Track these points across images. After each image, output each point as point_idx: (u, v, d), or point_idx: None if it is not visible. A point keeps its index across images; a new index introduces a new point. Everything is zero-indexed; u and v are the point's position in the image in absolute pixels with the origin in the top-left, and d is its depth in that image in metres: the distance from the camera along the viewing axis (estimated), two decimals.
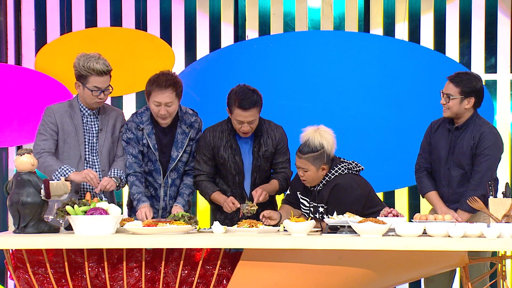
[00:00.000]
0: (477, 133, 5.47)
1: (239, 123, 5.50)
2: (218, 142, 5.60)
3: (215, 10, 7.31)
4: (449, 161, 5.55)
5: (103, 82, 5.42)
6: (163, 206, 5.69)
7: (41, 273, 4.76)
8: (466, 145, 5.49)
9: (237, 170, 5.62)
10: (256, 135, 5.61)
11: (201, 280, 4.80)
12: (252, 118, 5.48)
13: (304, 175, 5.30)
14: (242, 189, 5.66)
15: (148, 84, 5.53)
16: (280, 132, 5.68)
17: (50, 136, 5.44)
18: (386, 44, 6.84)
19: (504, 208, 4.90)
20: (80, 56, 5.44)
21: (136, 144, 5.60)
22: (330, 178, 5.30)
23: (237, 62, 6.84)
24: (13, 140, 6.79)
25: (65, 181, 4.82)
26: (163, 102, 5.48)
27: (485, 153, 5.44)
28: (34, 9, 7.30)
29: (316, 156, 5.26)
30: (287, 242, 4.55)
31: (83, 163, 5.46)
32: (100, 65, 5.40)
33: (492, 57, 7.22)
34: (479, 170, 5.43)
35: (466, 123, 5.53)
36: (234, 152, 5.59)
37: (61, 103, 5.57)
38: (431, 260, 4.68)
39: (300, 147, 5.32)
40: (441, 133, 5.63)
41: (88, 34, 7.01)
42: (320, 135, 5.30)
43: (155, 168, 5.65)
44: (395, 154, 6.63)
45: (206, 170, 5.64)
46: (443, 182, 5.57)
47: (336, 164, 5.33)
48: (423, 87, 6.67)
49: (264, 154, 5.61)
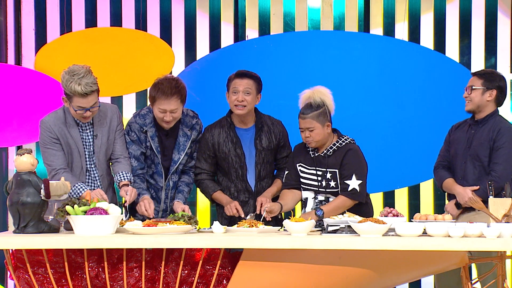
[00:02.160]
0: (496, 127, 5.53)
1: (234, 93, 5.57)
2: (218, 138, 5.62)
3: (215, 10, 7.31)
4: (466, 155, 5.58)
5: (87, 102, 5.20)
6: (163, 208, 5.69)
7: (41, 273, 4.76)
8: (484, 138, 5.53)
9: (239, 163, 5.63)
10: (256, 127, 5.64)
11: (201, 280, 4.80)
12: (248, 86, 5.57)
13: (310, 135, 5.35)
14: (246, 182, 5.66)
15: (153, 90, 5.48)
16: (281, 126, 5.75)
17: (58, 148, 5.34)
18: (386, 44, 6.84)
19: (504, 208, 4.90)
20: (65, 72, 5.20)
21: (138, 146, 5.59)
22: (341, 144, 5.37)
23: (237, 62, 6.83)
24: (13, 140, 6.79)
25: (65, 181, 4.81)
26: (168, 110, 5.47)
27: (505, 146, 5.48)
28: (34, 9, 7.30)
29: (320, 113, 5.33)
30: (287, 242, 4.55)
31: (84, 174, 5.43)
32: (82, 87, 5.12)
33: (492, 57, 7.22)
34: (500, 162, 5.47)
35: (486, 118, 5.57)
36: (235, 145, 5.61)
37: (55, 114, 5.40)
38: (431, 260, 4.68)
39: (302, 109, 5.38)
40: (461, 130, 5.72)
41: (88, 34, 7.01)
42: (319, 92, 5.38)
43: (157, 171, 5.66)
44: (395, 154, 6.63)
45: (207, 168, 5.66)
46: (458, 175, 5.60)
47: (341, 136, 5.44)
48: (423, 87, 6.67)
49: (267, 146, 5.64)
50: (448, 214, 5.02)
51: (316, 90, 5.40)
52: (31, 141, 6.79)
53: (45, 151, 5.36)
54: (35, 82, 6.75)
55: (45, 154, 5.36)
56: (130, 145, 5.58)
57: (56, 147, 5.34)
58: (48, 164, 5.34)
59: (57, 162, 5.32)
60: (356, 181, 5.30)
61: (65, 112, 5.38)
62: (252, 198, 5.67)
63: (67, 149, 5.37)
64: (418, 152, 6.50)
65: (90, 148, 5.43)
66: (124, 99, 7.26)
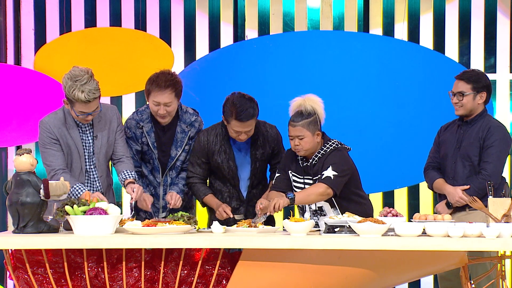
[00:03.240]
0: (486, 126, 5.54)
1: (235, 133, 5.47)
2: (212, 147, 5.57)
3: (215, 10, 7.31)
4: (455, 155, 5.59)
5: (89, 108, 5.20)
6: (163, 205, 5.69)
7: (40, 273, 4.76)
8: (474, 137, 5.53)
9: (231, 174, 5.60)
10: (253, 138, 5.59)
11: (200, 280, 4.80)
12: (249, 128, 5.45)
13: (300, 144, 5.29)
14: (238, 192, 5.64)
15: (148, 84, 5.52)
16: (275, 132, 5.67)
17: (57, 149, 5.34)
18: (385, 44, 6.84)
19: (504, 208, 4.90)
20: (67, 78, 5.16)
21: (134, 144, 5.59)
22: (325, 151, 5.31)
23: (237, 62, 6.84)
24: (12, 140, 6.79)
25: (64, 181, 4.81)
26: (162, 102, 5.48)
27: (495, 145, 5.48)
28: (34, 9, 7.30)
29: (310, 122, 5.27)
30: (286, 242, 4.55)
31: (84, 175, 5.43)
32: (85, 95, 5.11)
33: (492, 57, 7.23)
34: (491, 161, 5.47)
35: (475, 118, 5.59)
36: (228, 157, 5.57)
37: (54, 115, 5.39)
38: (431, 260, 4.68)
39: (292, 117, 5.32)
40: (450, 131, 5.71)
41: (88, 34, 7.01)
42: (310, 100, 5.32)
43: (154, 167, 5.66)
44: (394, 154, 6.63)
45: (199, 173, 5.62)
46: (449, 175, 5.60)
47: (328, 140, 5.37)
48: (423, 87, 6.67)
49: (262, 156, 5.61)
50: (448, 214, 5.02)
51: (307, 98, 5.34)
52: (31, 141, 6.79)
53: (44, 151, 5.35)
54: (35, 82, 6.75)
55: (44, 155, 5.35)
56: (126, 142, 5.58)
57: (55, 147, 5.34)
58: (47, 165, 5.33)
59: (56, 163, 5.31)
60: (331, 171, 5.24)
61: (64, 113, 5.37)
62: (243, 206, 5.64)
63: (66, 150, 5.36)
64: (417, 152, 6.49)
65: (90, 149, 5.42)
66: (124, 99, 7.26)
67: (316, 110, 5.30)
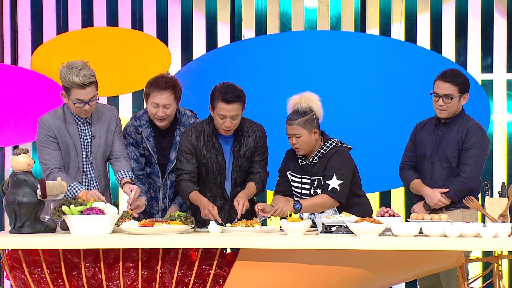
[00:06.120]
0: (464, 128, 5.50)
1: (221, 118, 5.40)
2: (200, 142, 5.54)
3: (212, 10, 7.31)
4: (433, 156, 5.56)
5: (86, 94, 5.21)
6: (162, 208, 5.69)
7: (37, 273, 4.76)
8: (453, 138, 5.50)
9: (219, 170, 5.55)
10: (236, 135, 5.56)
11: (197, 280, 4.80)
12: (235, 112, 5.39)
13: (297, 142, 5.30)
14: (223, 190, 5.60)
15: (147, 86, 5.51)
16: (261, 131, 5.61)
17: (54, 148, 5.34)
18: (382, 44, 6.85)
19: (500, 208, 4.90)
20: (63, 66, 5.23)
21: (136, 148, 5.59)
22: (325, 150, 5.32)
23: (234, 62, 6.84)
24: (9, 140, 6.79)
25: (61, 181, 4.81)
26: (161, 104, 5.47)
27: (474, 147, 5.46)
28: (30, 8, 7.30)
29: (307, 120, 5.27)
30: (283, 242, 4.55)
31: (81, 174, 5.43)
32: (80, 78, 5.15)
33: (488, 57, 7.23)
34: (470, 163, 5.45)
35: (454, 118, 5.55)
36: (217, 152, 5.53)
37: (54, 113, 5.40)
38: (427, 260, 4.68)
39: (289, 115, 5.32)
40: (427, 130, 5.66)
41: (85, 34, 7.01)
42: (307, 99, 5.32)
43: (154, 171, 5.65)
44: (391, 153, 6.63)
45: (189, 168, 5.50)
46: (426, 176, 5.58)
47: (328, 139, 5.37)
48: (420, 87, 6.67)
49: (245, 153, 5.56)
50: (444, 214, 5.02)
51: (304, 96, 5.33)
52: (28, 141, 6.78)
53: (41, 149, 5.35)
54: (32, 82, 6.75)
55: (41, 153, 5.35)
56: (127, 147, 5.58)
57: (53, 146, 5.34)
58: (43, 163, 5.33)
59: (52, 161, 5.31)
60: (337, 180, 5.25)
61: (64, 111, 5.38)
62: (227, 205, 5.60)
63: (64, 148, 5.36)
64: None
65: (88, 148, 5.42)
66: (121, 99, 7.26)
67: (312, 108, 5.30)
